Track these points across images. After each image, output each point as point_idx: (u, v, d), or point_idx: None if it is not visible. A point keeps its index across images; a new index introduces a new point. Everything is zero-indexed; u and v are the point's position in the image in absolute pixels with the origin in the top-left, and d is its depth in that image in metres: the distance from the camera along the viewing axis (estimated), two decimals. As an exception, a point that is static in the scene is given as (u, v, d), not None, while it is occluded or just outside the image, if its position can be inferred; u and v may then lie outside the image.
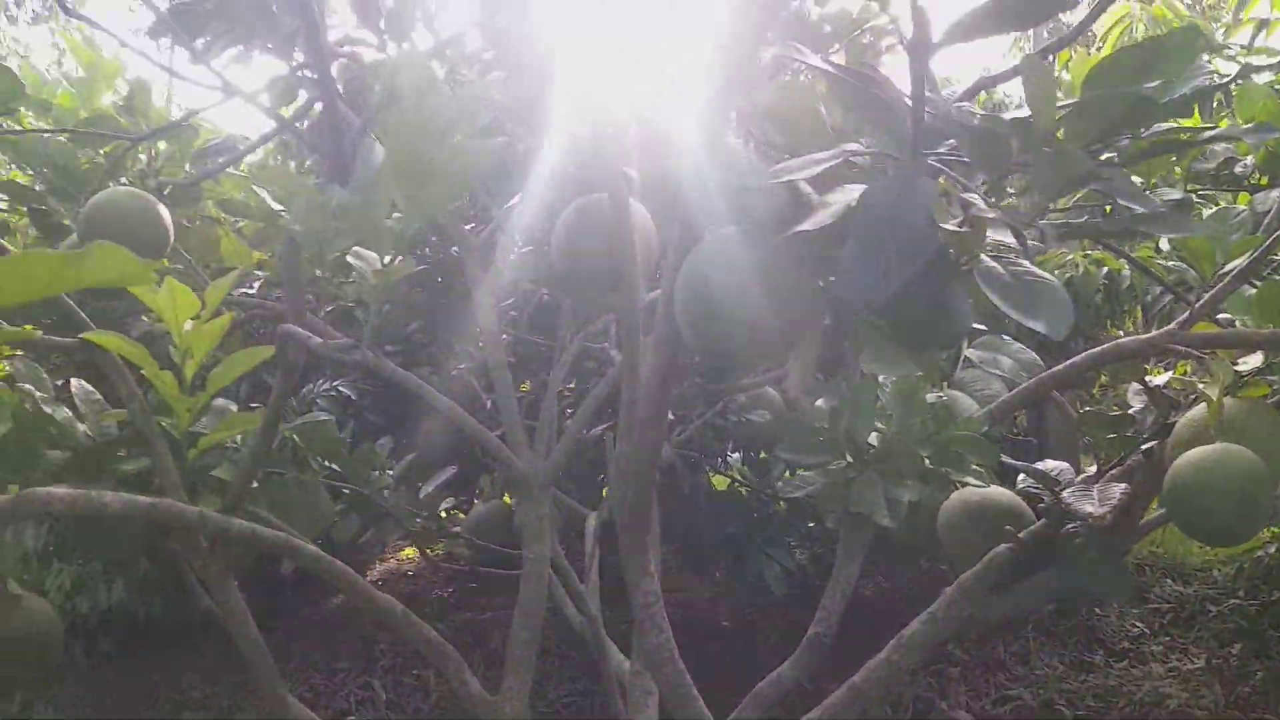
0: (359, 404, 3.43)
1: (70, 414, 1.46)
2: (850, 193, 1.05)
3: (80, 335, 1.40)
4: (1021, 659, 3.56)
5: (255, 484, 1.58)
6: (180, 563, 1.77)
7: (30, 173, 2.31)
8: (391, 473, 2.68)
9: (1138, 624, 3.84)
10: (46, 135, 2.31)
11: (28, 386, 1.41)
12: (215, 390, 1.46)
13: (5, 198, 2.35)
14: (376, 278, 1.09)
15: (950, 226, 0.98)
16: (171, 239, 1.89)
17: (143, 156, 2.42)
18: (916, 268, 0.85)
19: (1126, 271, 2.87)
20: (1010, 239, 1.05)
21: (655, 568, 1.59)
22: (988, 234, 1.02)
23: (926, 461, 1.36)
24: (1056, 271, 2.94)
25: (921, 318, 1.02)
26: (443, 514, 3.05)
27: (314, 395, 3.16)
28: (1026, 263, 1.13)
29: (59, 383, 1.60)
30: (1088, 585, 1.53)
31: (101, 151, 2.34)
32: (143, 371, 1.39)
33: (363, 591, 1.56)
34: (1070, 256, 2.91)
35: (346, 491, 2.78)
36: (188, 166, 2.34)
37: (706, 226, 1.23)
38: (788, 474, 1.58)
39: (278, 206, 2.63)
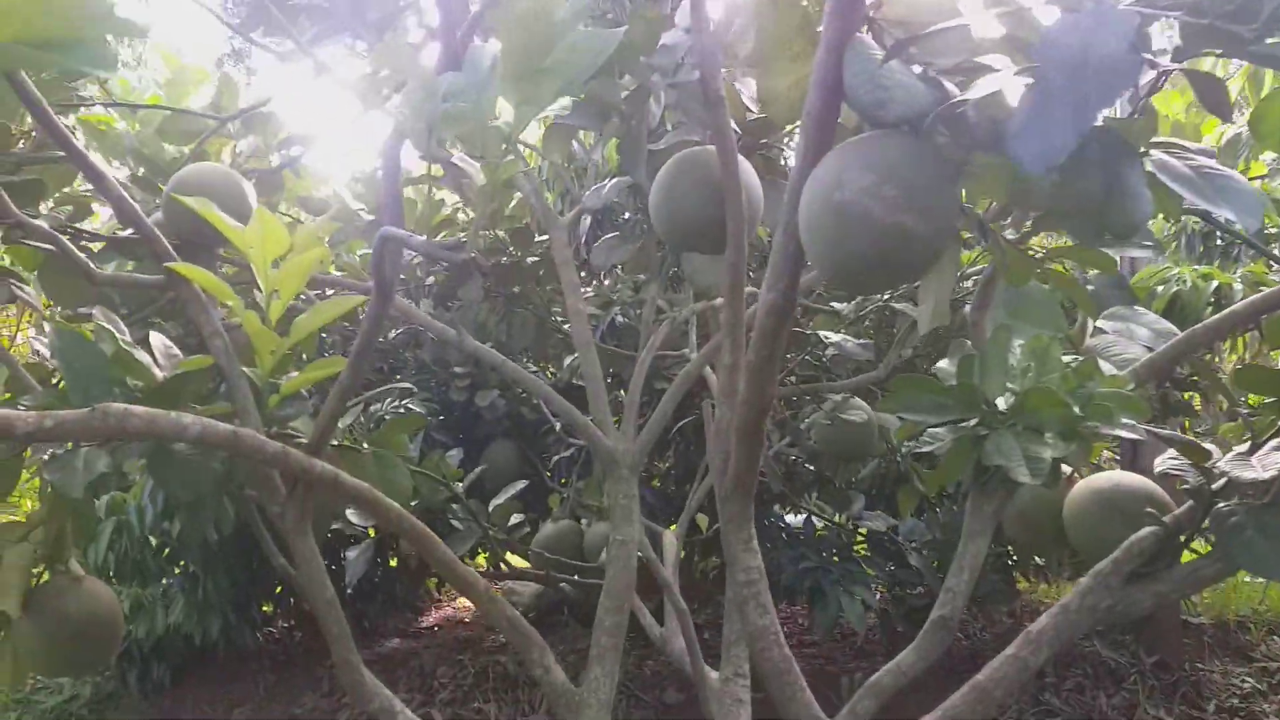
0: (426, 418, 3.36)
1: (149, 359, 1.39)
2: (999, 79, 0.95)
3: (166, 264, 1.34)
4: (1125, 712, 3.28)
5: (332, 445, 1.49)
6: (254, 520, 1.67)
7: (117, 164, 2.31)
8: (461, 484, 2.59)
9: (1247, 680, 3.55)
10: (131, 128, 2.32)
11: (108, 326, 1.35)
12: (298, 338, 1.39)
13: (91, 188, 2.36)
14: (486, 174, 1.01)
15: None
16: (254, 208, 1.85)
17: (225, 155, 2.42)
18: (1115, 98, 0.74)
19: (1238, 286, 2.70)
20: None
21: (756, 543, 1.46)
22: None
23: (1076, 410, 1.22)
24: (1160, 287, 2.79)
25: (1097, 197, 0.90)
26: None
27: (382, 414, 3.10)
28: (1206, 158, 1.02)
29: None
30: (1248, 566, 1.36)
31: (185, 149, 2.34)
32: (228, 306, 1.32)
33: (446, 559, 1.45)
34: (1176, 271, 2.76)
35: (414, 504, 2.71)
36: (273, 160, 2.34)
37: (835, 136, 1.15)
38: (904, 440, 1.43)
39: (356, 205, 2.62)
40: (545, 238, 2.77)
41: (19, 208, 1.39)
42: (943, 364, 1.47)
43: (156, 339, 1.52)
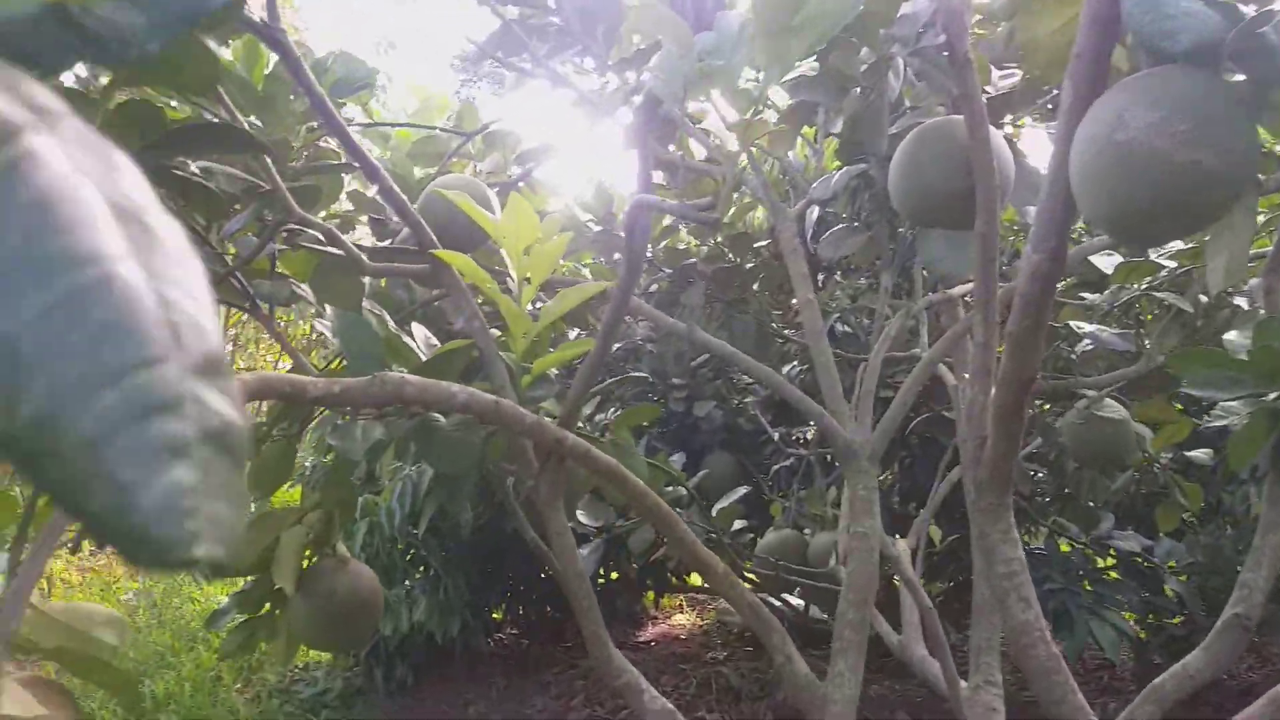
0: (646, 429, 3.42)
1: (414, 345, 1.49)
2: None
3: (429, 251, 1.43)
4: None
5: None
6: (507, 497, 1.73)
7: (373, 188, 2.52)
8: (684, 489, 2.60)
9: None
10: (382, 154, 2.52)
11: (378, 313, 1.46)
12: (548, 321, 1.44)
13: (351, 206, 2.58)
14: (740, 130, 1.02)
15: None
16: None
17: (467, 173, 2.59)
18: None
19: None
20: None
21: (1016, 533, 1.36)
22: None
23: None
24: None
25: None
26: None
27: (602, 425, 3.16)
28: None
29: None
30: None
31: (431, 171, 2.51)
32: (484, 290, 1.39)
33: (687, 540, 1.45)
34: None
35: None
36: (511, 173, 2.47)
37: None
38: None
39: (585, 216, 2.71)
40: (763, 243, 2.77)
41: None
42: (1231, 335, 1.32)
43: (418, 329, 1.62)
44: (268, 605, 1.89)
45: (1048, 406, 2.76)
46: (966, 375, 1.99)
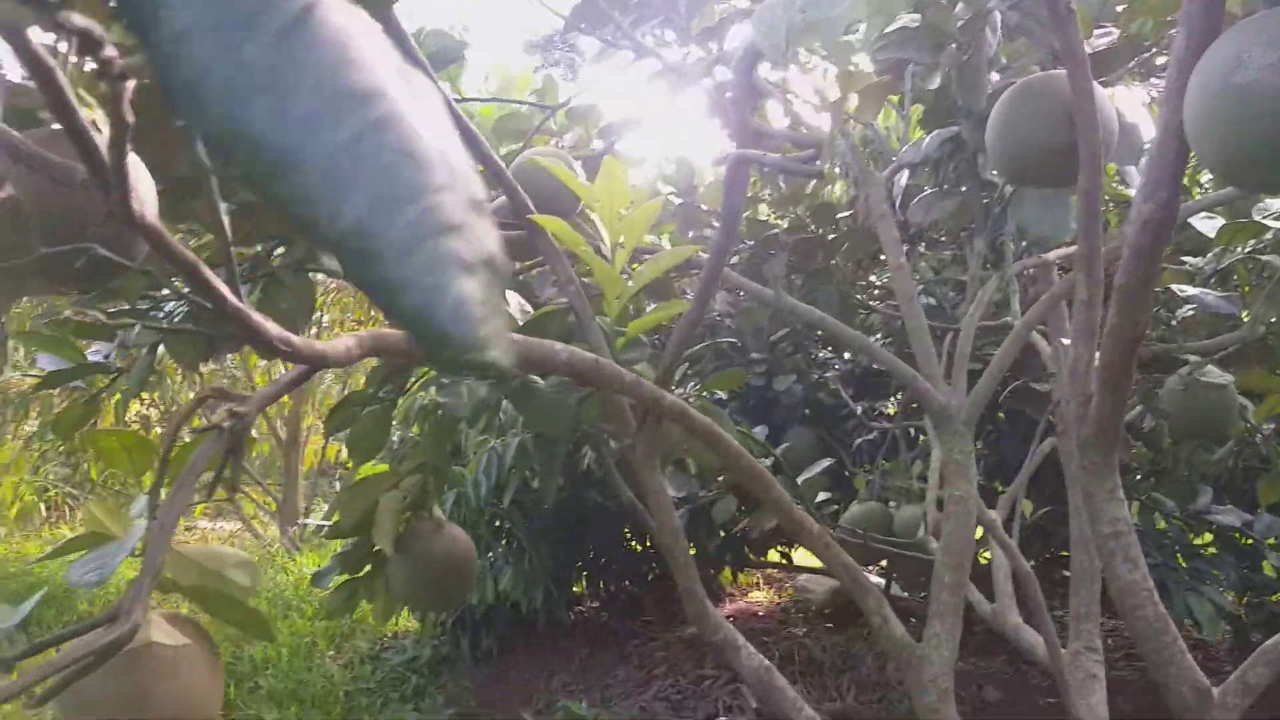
0: (725, 403, 3.43)
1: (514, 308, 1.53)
2: None
3: (526, 216, 1.46)
4: None
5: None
6: (604, 457, 1.76)
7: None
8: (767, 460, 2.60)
9: None
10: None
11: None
12: (643, 284, 1.46)
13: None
14: (842, 80, 1.01)
15: None
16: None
17: (552, 143, 2.62)
18: None
19: None
20: None
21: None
22: None
23: None
24: None
25: None
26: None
27: (684, 398, 3.17)
28: None
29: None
30: None
31: (515, 147, 2.54)
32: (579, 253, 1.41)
33: (782, 501, 1.46)
34: None
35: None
36: (593, 146, 2.49)
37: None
38: None
39: (666, 189, 2.72)
40: (846, 214, 2.74)
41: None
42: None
43: (512, 296, 1.66)
44: (368, 567, 1.96)
45: (1148, 374, 2.68)
46: (1063, 341, 1.96)
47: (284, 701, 4.15)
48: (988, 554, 2.58)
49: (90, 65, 0.38)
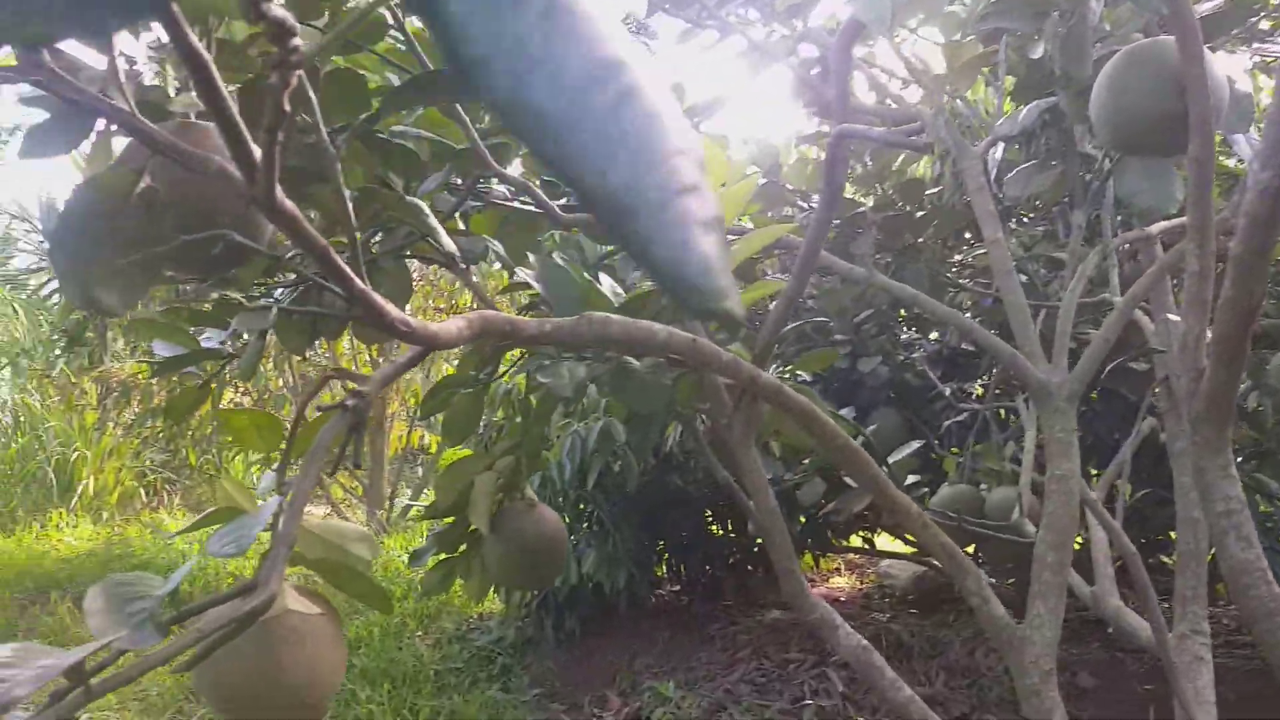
0: (809, 386, 3.41)
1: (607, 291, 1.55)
2: None
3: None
4: None
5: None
6: (695, 436, 1.77)
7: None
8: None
9: None
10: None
11: (572, 265, 1.52)
12: (737, 263, 1.46)
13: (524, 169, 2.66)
14: (948, 52, 1.00)
15: None
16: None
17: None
18: None
19: None
20: None
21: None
22: None
23: None
24: None
25: None
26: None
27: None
28: None
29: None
30: None
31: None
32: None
33: (880, 481, 1.45)
34: None
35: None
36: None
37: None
38: None
39: (749, 169, 2.71)
40: (935, 190, 2.69)
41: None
42: None
43: (605, 279, 1.68)
44: (463, 546, 2.01)
45: (1254, 350, 2.58)
46: (1170, 316, 1.90)
47: (376, 680, 4.28)
48: (1080, 538, 2.51)
49: (262, 52, 0.40)
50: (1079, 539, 2.52)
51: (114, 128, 1.07)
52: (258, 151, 0.65)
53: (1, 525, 6.66)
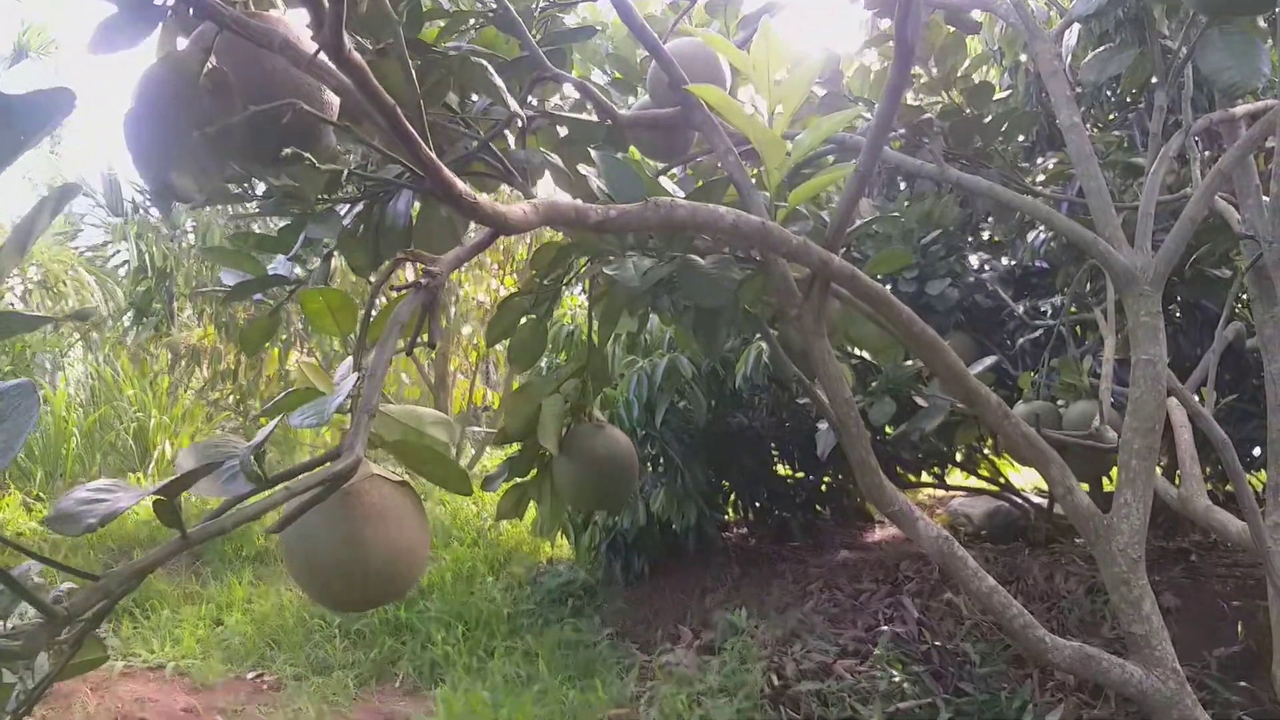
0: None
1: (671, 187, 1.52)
2: None
3: (683, 87, 1.44)
4: None
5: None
6: (764, 332, 1.73)
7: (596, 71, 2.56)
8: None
9: None
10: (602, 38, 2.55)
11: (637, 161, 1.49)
12: (804, 153, 1.42)
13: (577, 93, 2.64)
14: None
15: None
16: (729, 83, 1.92)
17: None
18: None
19: None
20: None
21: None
22: None
23: None
24: None
25: None
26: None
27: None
28: None
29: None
30: None
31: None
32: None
33: (956, 369, 1.41)
34: None
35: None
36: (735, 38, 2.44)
37: None
38: None
39: (820, 91, 2.63)
40: (1004, 94, 2.60)
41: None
42: None
43: (665, 181, 1.65)
44: (534, 470, 2.01)
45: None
46: (1250, 202, 1.81)
47: (450, 623, 4.37)
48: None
49: None
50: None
51: (177, 15, 1.07)
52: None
53: (85, 490, 6.91)
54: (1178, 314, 3.13)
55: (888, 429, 3.14)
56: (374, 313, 1.10)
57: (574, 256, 1.56)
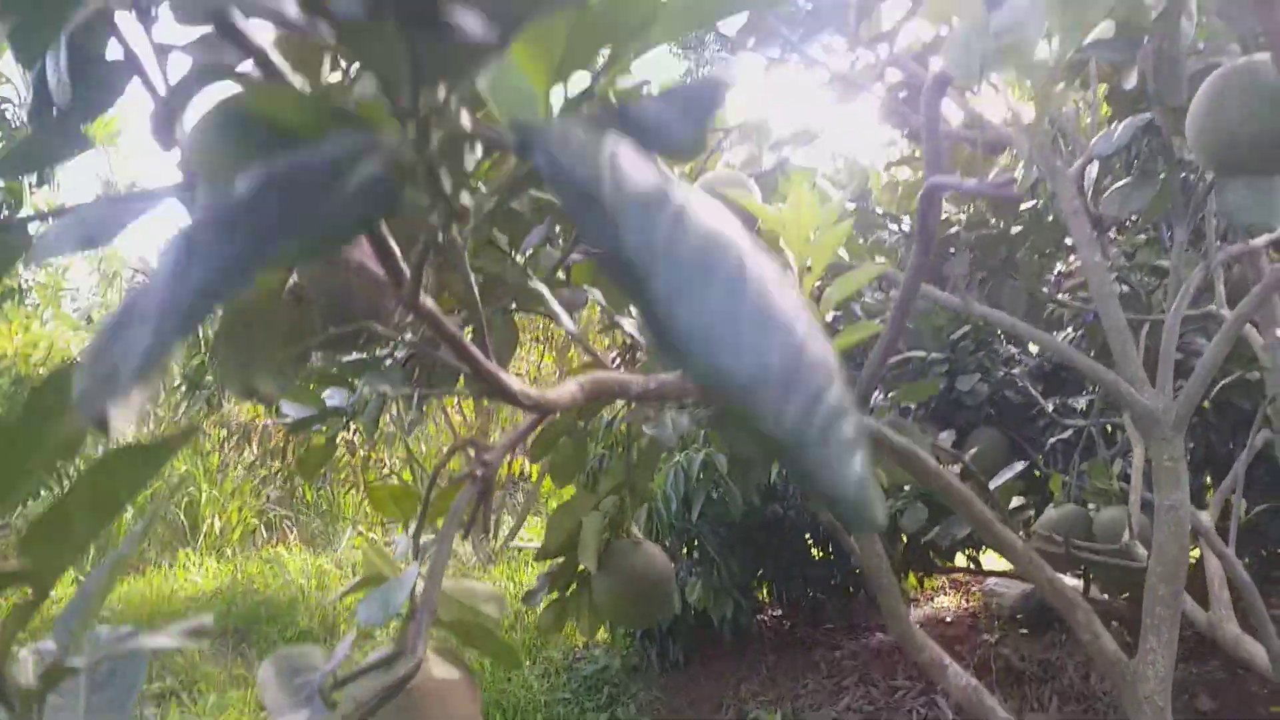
0: (908, 409, 3.38)
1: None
2: None
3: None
4: None
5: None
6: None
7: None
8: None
9: None
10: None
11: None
12: (831, 306, 1.49)
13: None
14: (1039, 98, 1.02)
15: None
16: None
17: (718, 165, 2.67)
18: None
19: None
20: None
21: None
22: None
23: None
24: None
25: None
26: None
27: (873, 405, 3.15)
28: None
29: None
30: None
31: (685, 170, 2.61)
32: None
33: (984, 518, 1.46)
34: None
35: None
36: (765, 163, 2.53)
37: None
38: None
39: (836, 194, 2.73)
40: (1029, 205, 2.66)
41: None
42: None
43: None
44: (573, 586, 2.07)
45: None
46: (1277, 332, 1.85)
47: (489, 711, 4.37)
48: (1196, 551, 2.43)
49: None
50: (1195, 553, 2.44)
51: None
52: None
53: (133, 566, 7.06)
54: (1208, 409, 3.14)
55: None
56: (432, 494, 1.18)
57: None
